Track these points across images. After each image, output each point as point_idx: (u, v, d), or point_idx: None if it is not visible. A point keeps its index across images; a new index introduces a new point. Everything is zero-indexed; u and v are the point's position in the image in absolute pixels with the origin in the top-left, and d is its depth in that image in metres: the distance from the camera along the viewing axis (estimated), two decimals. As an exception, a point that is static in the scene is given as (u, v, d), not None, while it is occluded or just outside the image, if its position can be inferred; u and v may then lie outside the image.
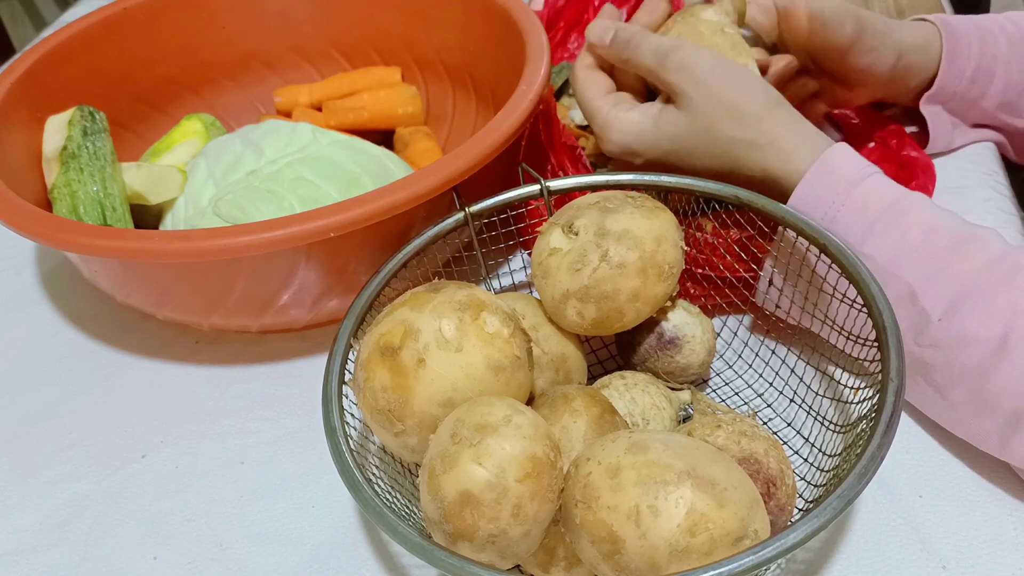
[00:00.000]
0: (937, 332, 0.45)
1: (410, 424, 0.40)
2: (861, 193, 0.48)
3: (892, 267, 0.47)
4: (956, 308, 0.45)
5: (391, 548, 0.47)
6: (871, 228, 0.48)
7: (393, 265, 0.50)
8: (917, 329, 0.46)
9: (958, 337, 0.45)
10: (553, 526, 0.38)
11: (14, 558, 0.49)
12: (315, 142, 0.65)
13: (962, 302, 0.45)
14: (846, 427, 0.46)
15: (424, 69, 0.79)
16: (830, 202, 0.49)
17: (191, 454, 0.54)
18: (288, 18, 0.80)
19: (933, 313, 0.45)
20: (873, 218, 0.48)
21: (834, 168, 0.49)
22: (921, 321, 0.46)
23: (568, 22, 0.80)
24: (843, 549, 0.45)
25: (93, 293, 0.65)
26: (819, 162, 0.49)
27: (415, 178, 0.52)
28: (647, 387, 0.48)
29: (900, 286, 0.46)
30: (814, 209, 0.49)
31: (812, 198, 0.49)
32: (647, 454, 0.36)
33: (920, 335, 0.46)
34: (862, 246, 0.48)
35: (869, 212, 0.48)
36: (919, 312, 0.46)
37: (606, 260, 0.45)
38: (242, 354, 0.60)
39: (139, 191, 0.62)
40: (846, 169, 0.49)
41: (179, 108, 0.77)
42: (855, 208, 0.48)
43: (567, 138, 0.59)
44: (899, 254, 0.47)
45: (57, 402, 0.58)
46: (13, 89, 0.64)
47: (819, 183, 0.49)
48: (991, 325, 0.44)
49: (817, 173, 0.49)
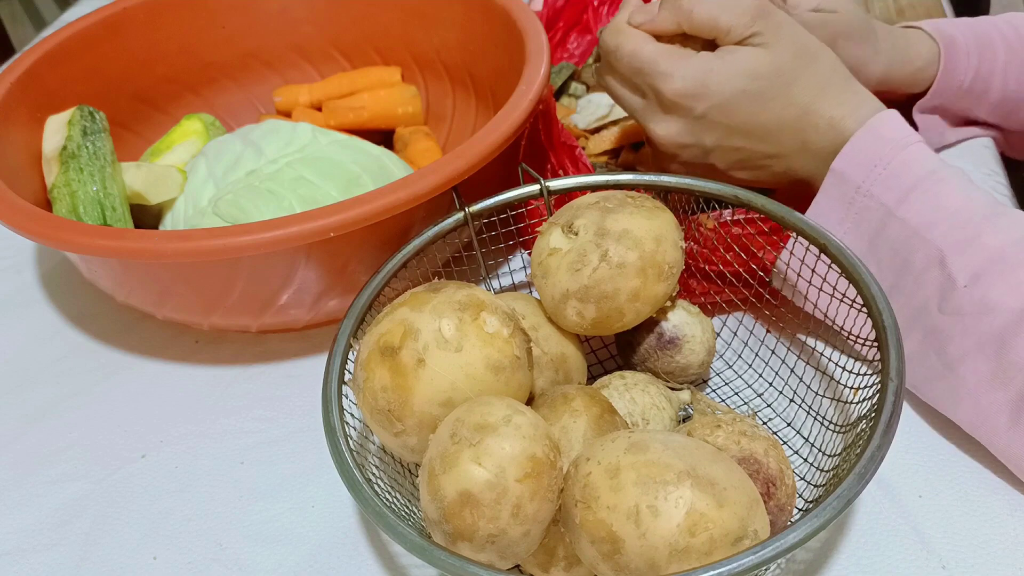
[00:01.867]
0: (961, 298, 0.46)
1: (410, 424, 0.40)
2: (903, 157, 0.49)
3: (924, 231, 0.48)
4: (982, 276, 0.46)
5: (391, 548, 0.47)
6: (909, 192, 0.49)
7: (393, 265, 0.50)
8: (943, 295, 0.47)
9: (981, 304, 0.45)
10: (553, 526, 0.38)
11: (14, 558, 0.49)
12: (315, 142, 0.65)
13: (988, 271, 0.45)
14: (846, 427, 0.46)
15: (424, 69, 0.79)
16: (872, 164, 0.50)
17: (191, 454, 0.54)
18: (288, 18, 0.80)
19: (959, 279, 0.46)
20: (912, 183, 0.49)
21: (880, 132, 0.50)
22: (947, 286, 0.47)
23: (568, 22, 0.80)
24: (843, 549, 0.45)
25: (93, 293, 0.65)
26: (865, 127, 0.50)
27: (415, 178, 0.52)
28: (647, 387, 0.48)
29: (930, 251, 0.47)
30: (856, 169, 0.50)
31: (856, 159, 0.50)
32: (647, 454, 0.36)
33: (944, 301, 0.47)
34: (898, 209, 0.49)
35: (908, 176, 0.49)
36: (945, 277, 0.47)
37: (606, 260, 0.45)
38: (242, 354, 0.60)
39: (139, 191, 0.62)
40: (892, 134, 0.50)
41: (179, 108, 0.77)
42: (895, 172, 0.49)
43: (567, 138, 0.59)
44: (933, 219, 0.48)
45: (56, 402, 0.58)
46: (13, 89, 0.64)
47: (864, 145, 0.50)
48: (1015, 296, 0.44)
49: (863, 136, 0.50)
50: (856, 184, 0.50)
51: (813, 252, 0.48)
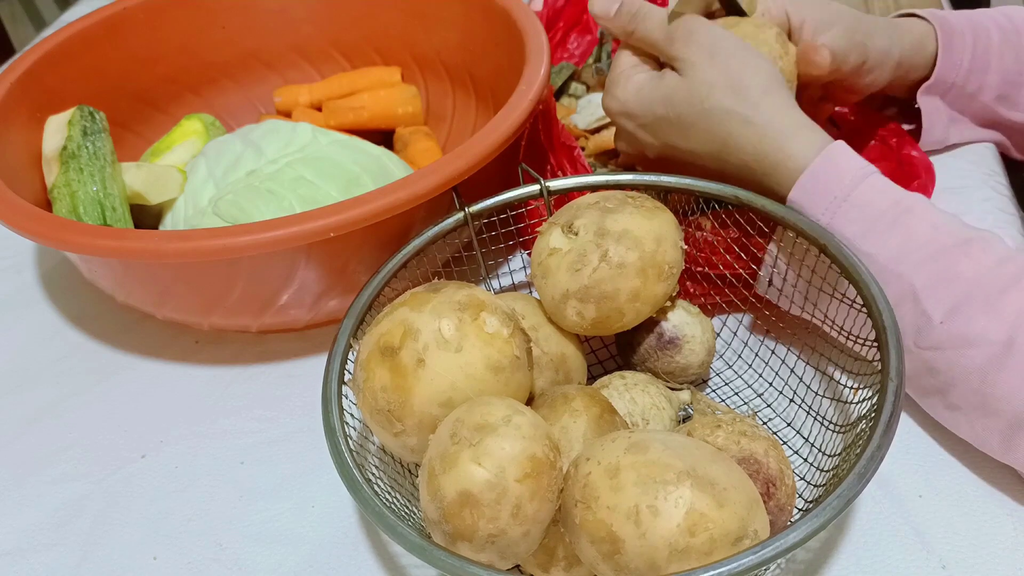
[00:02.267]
0: (939, 334, 0.45)
1: (410, 424, 0.40)
2: (864, 189, 0.48)
3: (894, 266, 0.46)
4: (959, 310, 0.44)
5: (391, 548, 0.47)
6: (873, 226, 0.47)
7: (393, 265, 0.50)
8: (917, 330, 0.46)
9: (961, 339, 0.44)
10: (553, 526, 0.38)
11: (14, 558, 0.49)
12: (315, 142, 0.65)
13: (966, 304, 0.44)
14: (846, 427, 0.46)
15: (424, 69, 0.79)
16: (831, 197, 0.48)
17: (191, 454, 0.54)
18: (288, 18, 0.80)
19: (935, 315, 0.45)
20: (875, 216, 0.47)
21: (837, 163, 0.48)
22: (922, 322, 0.45)
23: (568, 22, 0.80)
24: (843, 549, 0.45)
25: (93, 293, 0.65)
26: (822, 156, 0.48)
27: (415, 178, 0.52)
28: (647, 387, 0.48)
29: (902, 286, 0.46)
30: (815, 203, 0.48)
31: (814, 191, 0.48)
32: (647, 454, 0.36)
33: (920, 337, 0.46)
34: (863, 243, 0.47)
35: (871, 209, 0.47)
36: (920, 313, 0.45)
37: (606, 260, 0.45)
38: (242, 354, 0.60)
39: (139, 191, 0.62)
40: (849, 165, 0.48)
41: (179, 108, 0.77)
42: (857, 204, 0.47)
43: (567, 138, 0.59)
44: (901, 253, 0.46)
45: (56, 402, 0.58)
46: (13, 89, 0.64)
47: (822, 177, 0.48)
48: (996, 327, 0.43)
49: (820, 166, 0.48)
50: (815, 218, 0.48)
51: (813, 252, 0.48)
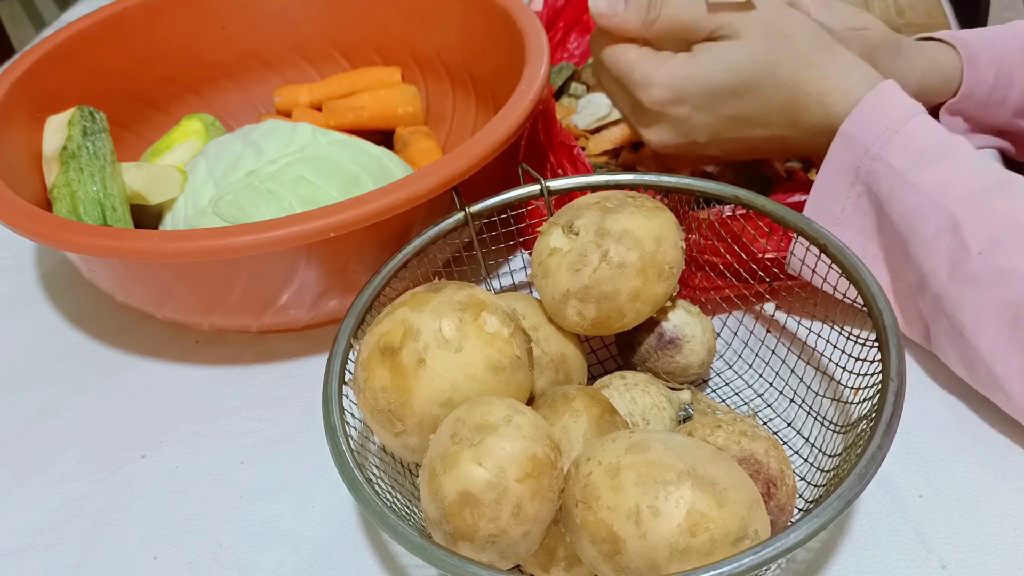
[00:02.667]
0: (975, 266, 0.45)
1: (410, 424, 0.40)
2: (915, 122, 0.49)
3: (937, 196, 0.47)
4: (998, 244, 0.45)
5: (391, 548, 0.47)
6: (920, 157, 0.48)
7: (393, 265, 0.50)
8: (954, 262, 0.46)
9: (997, 271, 0.45)
10: (553, 526, 0.38)
11: (14, 558, 0.49)
12: (315, 142, 0.65)
13: (1004, 238, 0.45)
14: (846, 427, 0.46)
15: (424, 69, 0.79)
16: (884, 127, 0.49)
17: (191, 454, 0.54)
18: (288, 18, 0.80)
19: (973, 247, 0.45)
20: (923, 148, 0.48)
21: (889, 98, 0.50)
22: (959, 254, 0.46)
23: (568, 22, 0.80)
24: (843, 549, 0.45)
25: (93, 293, 0.65)
26: (875, 91, 0.50)
27: (415, 178, 0.52)
28: (647, 387, 0.48)
29: (942, 217, 0.47)
30: (867, 132, 0.50)
31: (867, 121, 0.50)
32: (647, 454, 0.36)
33: (956, 269, 0.46)
34: (909, 173, 0.48)
35: (920, 141, 0.49)
36: (958, 244, 0.46)
37: (606, 260, 0.45)
38: (242, 354, 0.60)
39: (139, 191, 0.62)
40: (900, 102, 0.50)
41: (179, 108, 0.77)
42: (908, 136, 0.49)
43: (566, 138, 0.59)
44: (945, 185, 0.47)
45: (57, 402, 0.58)
46: (13, 89, 0.64)
47: (875, 108, 0.50)
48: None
49: (874, 99, 0.50)
50: (865, 147, 0.50)
51: (813, 252, 0.48)
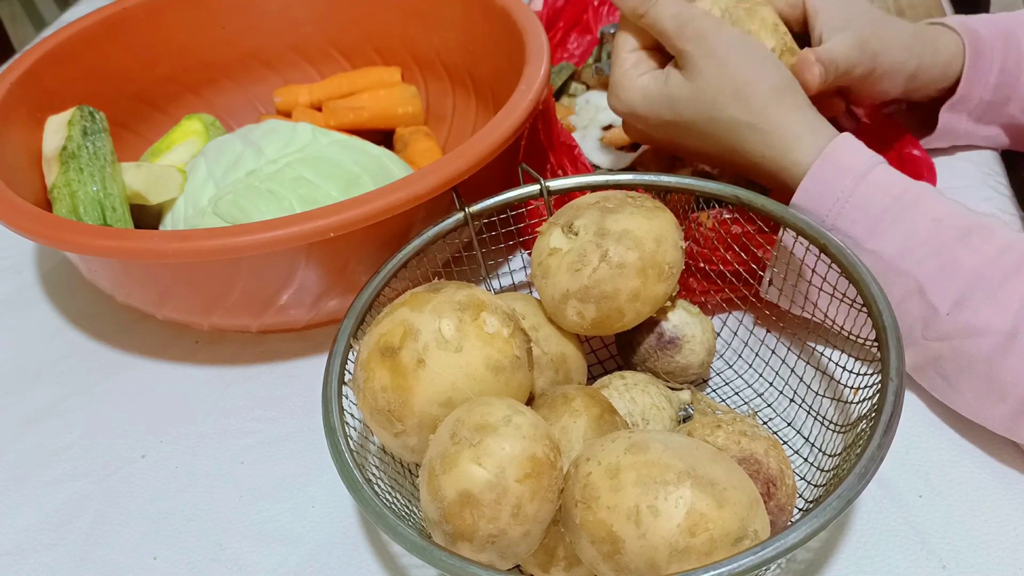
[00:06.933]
0: (945, 325, 0.46)
1: (410, 424, 0.40)
2: (865, 188, 0.48)
3: (899, 262, 0.47)
4: (964, 301, 0.45)
5: (391, 548, 0.47)
6: (876, 224, 0.48)
7: (393, 265, 0.50)
8: (925, 323, 0.47)
9: (967, 329, 0.45)
10: (553, 526, 0.38)
11: (14, 558, 0.49)
12: (315, 142, 0.65)
13: (970, 295, 0.45)
14: (846, 427, 0.46)
15: (424, 69, 0.79)
16: (834, 199, 0.48)
17: (191, 454, 0.54)
18: (288, 18, 0.80)
19: (941, 307, 0.46)
20: (877, 214, 0.48)
21: (838, 162, 0.49)
22: (929, 315, 0.46)
23: (568, 22, 0.80)
24: (843, 549, 0.45)
25: (93, 293, 0.65)
26: (822, 157, 0.49)
27: (415, 178, 0.52)
28: (647, 387, 0.48)
29: (907, 281, 0.47)
30: (818, 205, 0.49)
31: (816, 194, 0.49)
32: (647, 454, 0.36)
33: (928, 329, 0.47)
34: (868, 242, 0.48)
35: (874, 208, 0.48)
36: (927, 306, 0.46)
37: (606, 260, 0.45)
38: (242, 354, 0.60)
39: (139, 191, 0.62)
40: (850, 163, 0.49)
41: (179, 108, 0.77)
42: (859, 205, 0.48)
43: (566, 138, 0.59)
44: (905, 249, 0.47)
45: (57, 402, 0.58)
46: (13, 89, 0.64)
47: (823, 178, 0.49)
48: (1000, 317, 0.44)
49: (820, 168, 0.49)
50: (820, 220, 0.49)
51: (813, 252, 0.48)
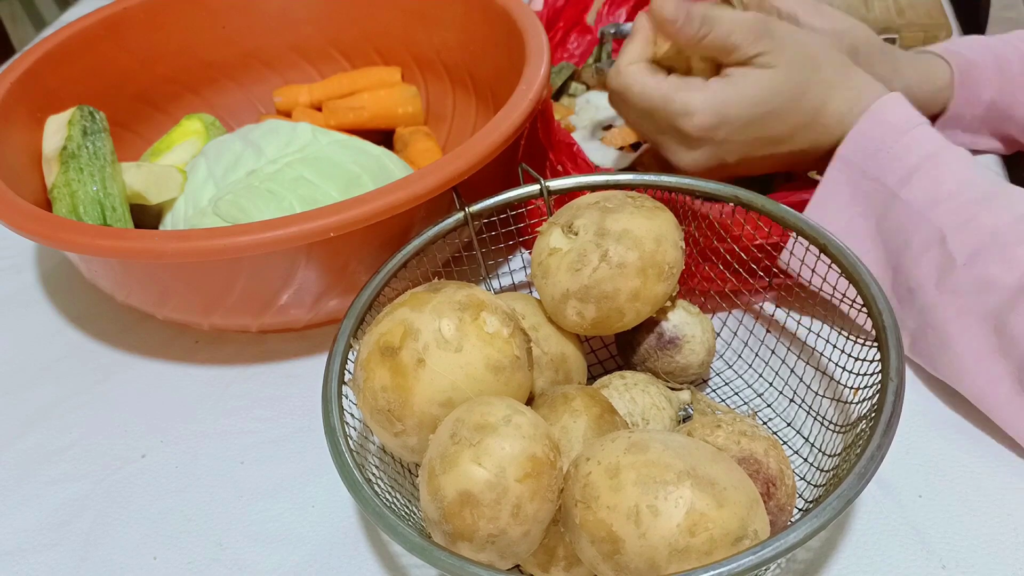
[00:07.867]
0: (959, 276, 0.48)
1: (410, 424, 0.41)
2: (905, 142, 0.52)
3: (926, 211, 0.50)
4: (979, 255, 0.47)
5: (391, 548, 0.47)
6: (911, 174, 0.51)
7: (393, 265, 0.50)
8: (941, 272, 0.49)
9: (979, 282, 0.47)
10: (553, 526, 0.38)
11: (14, 558, 0.49)
12: (315, 142, 0.65)
13: (986, 250, 0.48)
14: (846, 427, 0.46)
15: (424, 69, 0.79)
16: (877, 148, 0.52)
17: (191, 454, 0.54)
18: (288, 18, 0.80)
19: (958, 257, 0.48)
20: (913, 165, 0.51)
21: (884, 117, 0.53)
22: (946, 264, 0.48)
23: (568, 22, 0.80)
24: (843, 549, 0.45)
25: (93, 293, 0.65)
26: (868, 113, 0.53)
27: (415, 178, 0.52)
28: (647, 387, 0.48)
29: (931, 230, 0.49)
30: (862, 153, 0.53)
31: (862, 144, 0.53)
32: (647, 454, 0.36)
33: (943, 279, 0.48)
34: (901, 190, 0.51)
35: (910, 159, 0.51)
36: (945, 255, 0.48)
37: (606, 260, 0.45)
38: (242, 354, 0.60)
39: (139, 191, 0.62)
40: (895, 119, 0.53)
41: (179, 108, 0.77)
42: (898, 156, 0.52)
43: (565, 137, 0.59)
44: (933, 200, 0.50)
45: (57, 402, 0.58)
46: (13, 89, 0.64)
47: (869, 130, 0.53)
48: (1012, 273, 0.46)
49: (868, 121, 0.53)
50: (861, 169, 0.52)
51: (813, 252, 0.48)
